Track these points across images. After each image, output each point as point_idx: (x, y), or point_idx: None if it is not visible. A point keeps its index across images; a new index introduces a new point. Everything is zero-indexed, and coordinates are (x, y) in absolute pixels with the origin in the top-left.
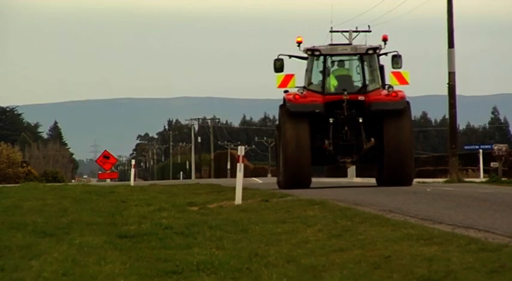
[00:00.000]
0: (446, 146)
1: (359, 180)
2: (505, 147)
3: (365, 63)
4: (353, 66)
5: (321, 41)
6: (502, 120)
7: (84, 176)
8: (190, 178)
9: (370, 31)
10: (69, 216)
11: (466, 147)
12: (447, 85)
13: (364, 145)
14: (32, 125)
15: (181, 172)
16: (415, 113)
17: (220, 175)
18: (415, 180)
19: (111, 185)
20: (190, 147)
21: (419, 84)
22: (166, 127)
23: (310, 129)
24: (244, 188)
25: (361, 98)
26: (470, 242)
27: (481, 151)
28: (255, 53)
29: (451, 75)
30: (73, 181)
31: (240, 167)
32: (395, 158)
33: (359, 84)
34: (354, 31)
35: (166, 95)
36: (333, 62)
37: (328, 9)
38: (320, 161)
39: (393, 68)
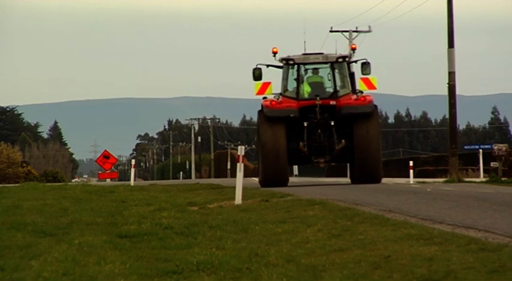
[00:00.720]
0: (446, 146)
1: None
2: (505, 147)
3: (336, 70)
4: (325, 74)
5: (320, 41)
6: (502, 120)
7: (84, 176)
8: (190, 178)
9: (370, 31)
10: (69, 216)
11: (466, 147)
12: (447, 85)
13: (336, 146)
14: (32, 125)
15: (181, 172)
16: (415, 112)
17: (220, 174)
18: (415, 180)
19: (111, 185)
20: (190, 147)
21: (419, 84)
22: (166, 127)
23: (286, 132)
24: (244, 188)
25: (332, 102)
26: (470, 242)
27: (481, 150)
28: (255, 53)
29: (451, 75)
30: (73, 180)
31: (240, 167)
32: (364, 157)
33: (330, 90)
34: (354, 31)
35: (166, 95)
36: (306, 70)
37: (329, 9)
38: (296, 161)
39: (362, 74)
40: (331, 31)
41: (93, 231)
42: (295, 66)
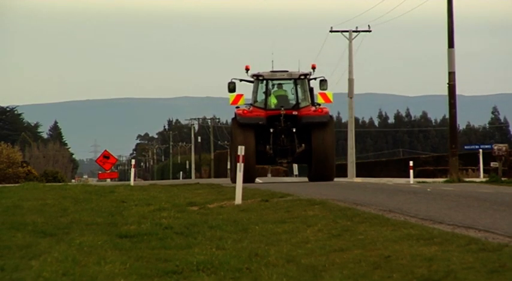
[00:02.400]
0: (446, 146)
1: (359, 180)
2: (505, 147)
3: (298, 86)
4: (289, 88)
5: (320, 41)
6: (502, 120)
7: (84, 176)
8: (190, 178)
9: (370, 31)
10: (69, 216)
11: (466, 147)
12: (447, 85)
13: (297, 149)
14: (32, 125)
15: (181, 172)
16: (415, 112)
17: (220, 174)
18: (415, 180)
19: (111, 185)
20: (190, 147)
21: (419, 84)
22: (166, 127)
23: (255, 137)
24: (244, 188)
25: (294, 113)
26: (470, 242)
27: (481, 150)
28: (255, 53)
29: (451, 75)
30: (73, 180)
31: (240, 167)
32: (320, 159)
33: (293, 102)
34: (354, 31)
35: (166, 95)
36: (273, 84)
37: (329, 9)
38: (263, 161)
39: (320, 89)
40: (331, 31)
41: (93, 231)
42: (264, 81)
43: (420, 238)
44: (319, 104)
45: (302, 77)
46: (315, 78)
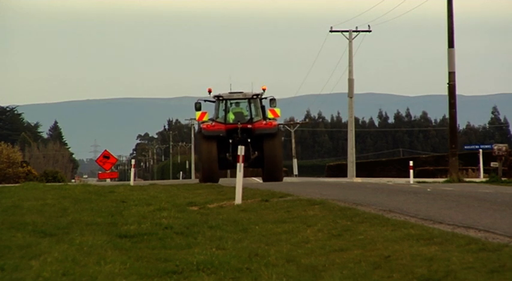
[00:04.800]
0: (446, 146)
1: (359, 180)
2: (505, 147)
3: (252, 104)
4: (244, 106)
5: (320, 41)
6: (502, 120)
7: (84, 176)
8: (190, 178)
9: (370, 31)
10: (69, 216)
11: (466, 147)
12: (447, 85)
13: (251, 156)
14: (32, 125)
15: (181, 172)
16: (415, 112)
17: (220, 175)
18: (415, 180)
19: (111, 185)
20: (190, 147)
21: (419, 84)
22: (166, 127)
23: (217, 146)
24: (244, 188)
25: (249, 126)
26: (470, 242)
27: (481, 150)
28: (254, 53)
29: (451, 75)
30: (73, 180)
31: (240, 167)
32: (270, 164)
33: (248, 117)
34: (354, 31)
35: (166, 95)
36: (231, 103)
37: (329, 9)
38: (224, 166)
39: (270, 106)
40: (331, 31)
41: (93, 231)
42: (224, 101)
43: (420, 238)
44: (270, 119)
45: (255, 96)
46: (265, 98)
